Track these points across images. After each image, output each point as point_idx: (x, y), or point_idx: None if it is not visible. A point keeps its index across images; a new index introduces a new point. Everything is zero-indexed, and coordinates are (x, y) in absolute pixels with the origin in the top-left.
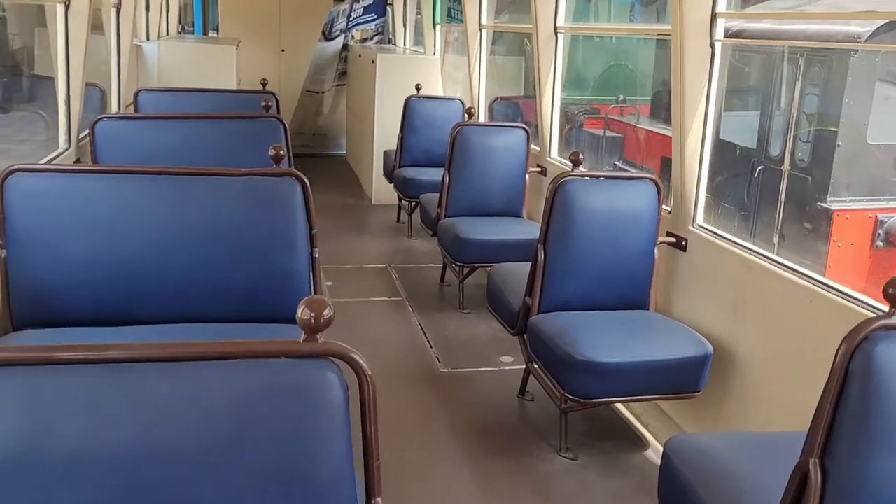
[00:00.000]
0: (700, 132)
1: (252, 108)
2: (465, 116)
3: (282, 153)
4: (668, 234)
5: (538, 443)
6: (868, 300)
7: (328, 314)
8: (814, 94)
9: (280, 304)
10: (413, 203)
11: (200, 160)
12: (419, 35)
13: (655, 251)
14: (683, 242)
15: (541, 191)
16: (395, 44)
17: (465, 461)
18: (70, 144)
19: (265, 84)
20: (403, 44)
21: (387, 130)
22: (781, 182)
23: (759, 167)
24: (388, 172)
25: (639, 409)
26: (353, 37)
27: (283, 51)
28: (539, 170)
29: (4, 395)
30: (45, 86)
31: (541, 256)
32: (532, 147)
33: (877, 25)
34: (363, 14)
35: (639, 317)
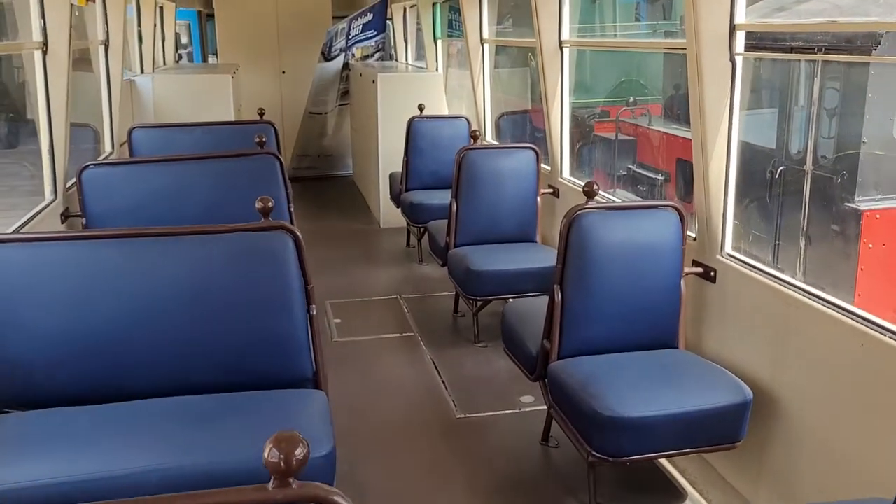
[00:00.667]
0: (724, 153)
1: (250, 140)
2: (470, 140)
3: (270, 205)
4: (695, 264)
5: (565, 498)
6: None
7: (301, 454)
8: (834, 89)
9: (277, 369)
10: (421, 229)
11: (194, 203)
12: (421, 49)
13: (682, 284)
14: (712, 273)
15: (554, 212)
16: (397, 59)
17: None
18: (56, 195)
19: (262, 113)
20: (405, 59)
21: (392, 152)
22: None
23: (780, 167)
24: (395, 196)
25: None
26: (354, 55)
27: (284, 73)
28: (551, 191)
29: None
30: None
31: (558, 297)
32: (543, 166)
33: None
34: (363, 31)
35: (668, 358)
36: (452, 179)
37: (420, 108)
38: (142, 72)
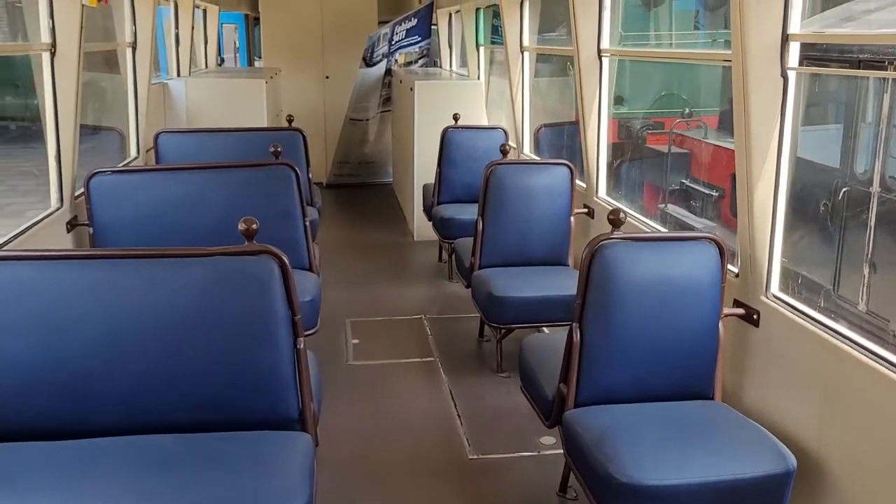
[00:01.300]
0: (772, 178)
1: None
2: (500, 154)
3: (254, 227)
4: (736, 304)
5: None
6: None
7: None
8: None
9: (259, 408)
10: (452, 245)
11: (205, 214)
12: (465, 56)
13: (720, 326)
14: (755, 316)
15: (588, 234)
16: (441, 66)
17: None
18: (62, 203)
19: (291, 120)
20: (449, 66)
21: (427, 162)
22: (870, 205)
23: (844, 189)
24: (427, 209)
25: None
26: (397, 61)
27: (328, 77)
28: (585, 211)
29: None
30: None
31: (576, 336)
32: (578, 183)
33: None
34: (406, 37)
35: (701, 412)
36: (479, 196)
37: (455, 118)
38: (178, 75)
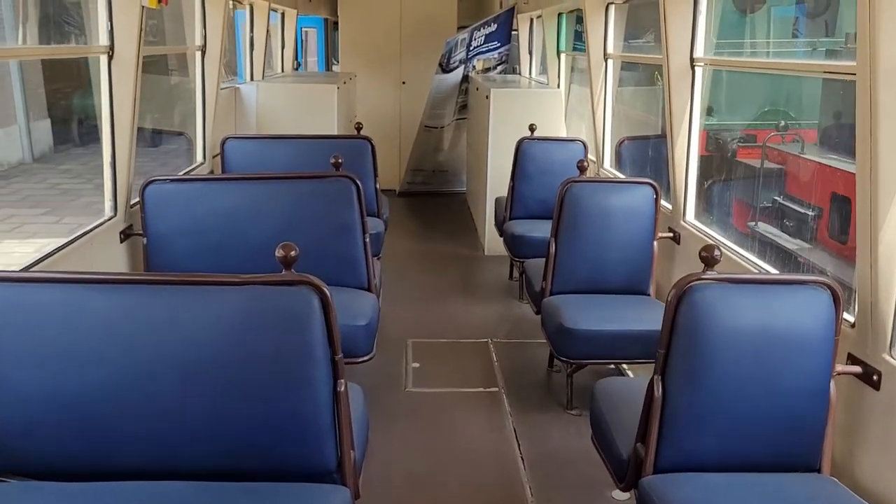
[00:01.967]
0: None
1: (346, 153)
2: (578, 171)
3: (293, 254)
4: (852, 361)
5: None
6: None
7: None
8: None
9: (292, 457)
10: (522, 264)
11: (262, 227)
12: (546, 63)
13: (832, 386)
14: (875, 376)
15: (673, 261)
16: (521, 73)
17: None
18: (116, 212)
19: (359, 128)
20: (529, 73)
21: (501, 174)
22: None
23: None
24: (499, 224)
25: None
26: (475, 67)
27: (405, 83)
28: (671, 235)
29: None
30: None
31: (658, 391)
32: (664, 204)
33: None
34: (485, 42)
35: (804, 487)
36: (553, 215)
37: (531, 129)
38: (251, 79)
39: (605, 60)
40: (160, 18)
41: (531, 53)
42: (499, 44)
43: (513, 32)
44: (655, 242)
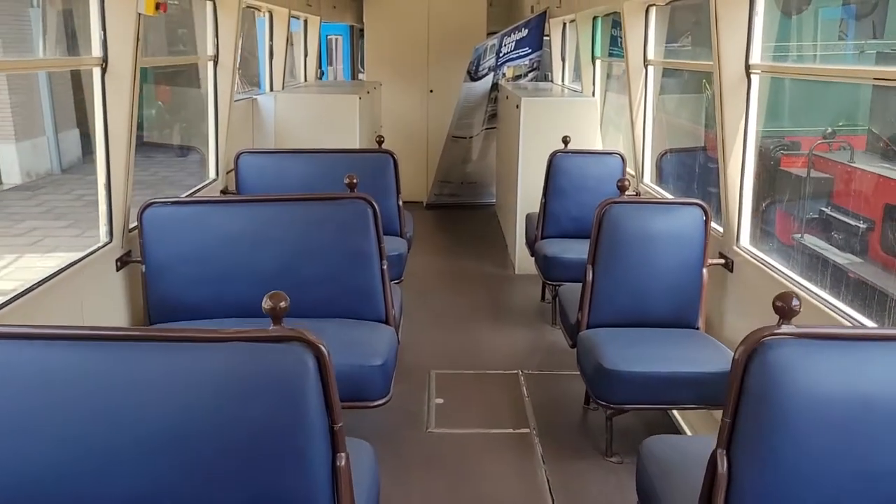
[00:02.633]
0: None
1: (364, 168)
2: (617, 190)
3: (282, 305)
4: None
5: None
6: None
7: None
8: None
9: None
10: (555, 288)
11: (270, 253)
12: (580, 69)
13: None
14: None
15: (724, 291)
16: (552, 81)
17: None
18: (112, 238)
19: (381, 141)
20: (561, 80)
21: (532, 189)
22: None
23: None
24: (530, 242)
25: None
26: (504, 74)
27: (432, 91)
28: (723, 262)
29: None
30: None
31: (722, 467)
32: (714, 228)
33: None
34: (515, 48)
35: None
36: (591, 239)
37: (564, 141)
38: (271, 89)
39: (646, 67)
40: (191, 28)
41: (564, 60)
42: (530, 50)
43: (544, 38)
44: (705, 270)
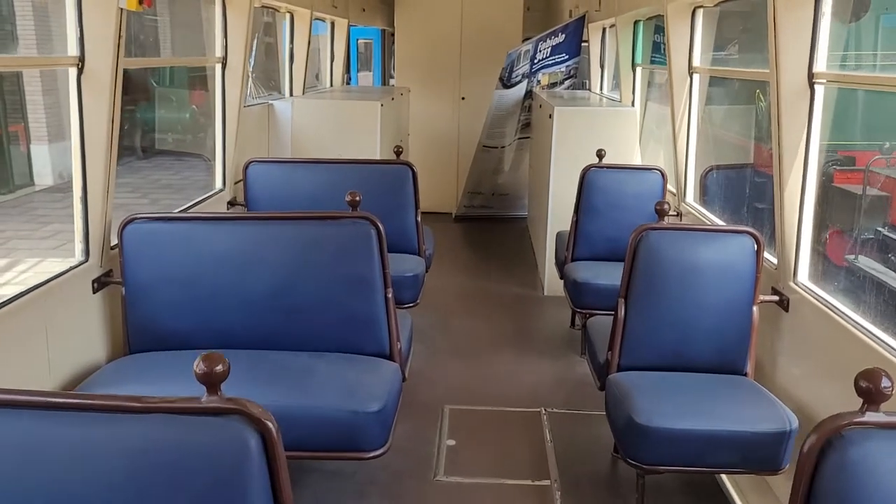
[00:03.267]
0: None
1: (381, 180)
2: (656, 215)
3: (219, 370)
4: None
5: None
6: None
7: None
8: None
9: None
10: (585, 317)
11: (263, 276)
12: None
13: None
14: None
15: (779, 332)
16: (590, 89)
17: None
18: (88, 256)
19: (399, 152)
20: (599, 89)
21: (563, 206)
22: None
23: None
24: (560, 264)
25: None
26: (539, 81)
27: (464, 98)
28: (776, 299)
29: None
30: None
31: None
32: (767, 260)
33: None
34: (551, 54)
35: None
36: (624, 269)
37: (599, 155)
38: (290, 94)
39: (691, 75)
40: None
41: (602, 67)
42: (567, 56)
43: (582, 44)
44: (756, 308)
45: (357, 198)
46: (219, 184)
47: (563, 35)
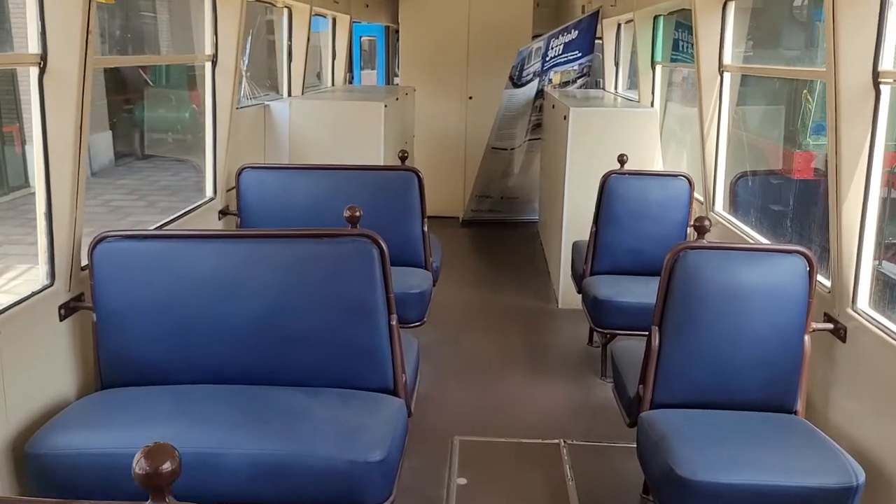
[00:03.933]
0: None
1: (384, 188)
2: (691, 233)
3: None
4: None
5: None
6: None
7: None
8: None
9: None
10: (608, 336)
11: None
12: (635, 76)
13: None
14: None
15: (833, 364)
16: (604, 88)
17: None
18: (53, 280)
19: (404, 157)
20: (615, 88)
21: (580, 213)
22: None
23: None
24: (577, 277)
25: None
26: (551, 80)
27: (471, 98)
28: (831, 327)
29: None
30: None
31: None
32: (820, 283)
33: None
34: (564, 52)
35: None
36: (658, 293)
37: (621, 161)
38: (289, 94)
39: (721, 74)
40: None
41: (618, 65)
42: (580, 53)
43: (596, 41)
44: (808, 337)
45: (357, 213)
46: (209, 192)
47: (577, 31)
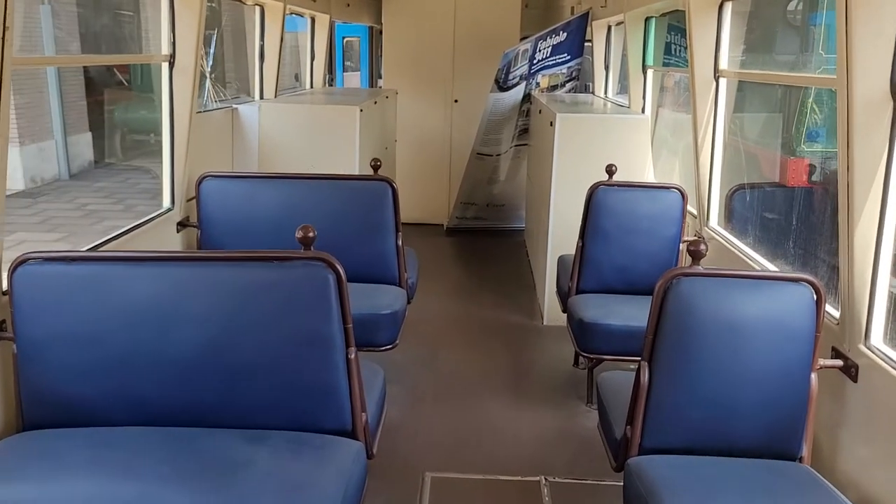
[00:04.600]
0: None
1: (356, 199)
2: (683, 257)
3: None
4: None
5: None
6: None
7: None
8: None
9: None
10: (593, 360)
11: (186, 334)
12: (625, 80)
13: None
14: None
15: (843, 405)
16: (594, 92)
17: None
18: None
19: (377, 167)
20: (604, 93)
21: (566, 225)
22: None
23: None
24: (563, 294)
25: None
26: (538, 84)
27: (457, 101)
28: (840, 364)
29: None
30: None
31: None
32: (828, 314)
33: None
34: (552, 54)
35: None
36: (648, 326)
37: (609, 172)
38: (261, 97)
39: (716, 79)
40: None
41: (608, 69)
42: (568, 56)
43: (586, 44)
44: (814, 375)
45: (311, 234)
46: (167, 202)
47: (565, 33)
